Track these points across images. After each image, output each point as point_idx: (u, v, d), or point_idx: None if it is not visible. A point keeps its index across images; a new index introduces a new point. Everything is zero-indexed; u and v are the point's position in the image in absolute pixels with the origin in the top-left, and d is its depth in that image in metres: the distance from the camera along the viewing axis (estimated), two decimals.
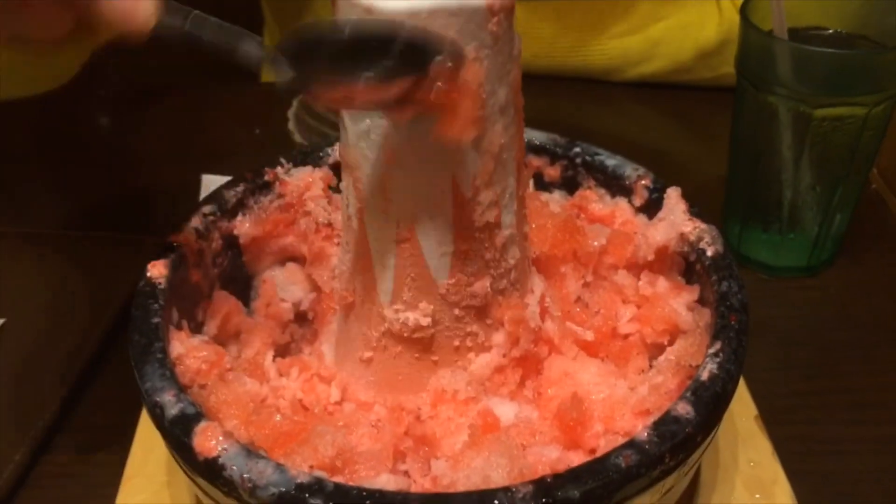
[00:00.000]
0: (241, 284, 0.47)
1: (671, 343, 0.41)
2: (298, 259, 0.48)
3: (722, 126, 0.79)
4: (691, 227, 0.42)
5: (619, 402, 0.38)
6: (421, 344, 0.39)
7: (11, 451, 0.47)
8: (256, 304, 0.47)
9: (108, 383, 0.53)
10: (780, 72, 0.56)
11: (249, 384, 0.40)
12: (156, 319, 0.39)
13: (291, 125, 0.68)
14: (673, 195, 0.44)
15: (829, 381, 0.53)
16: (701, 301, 0.41)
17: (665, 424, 0.33)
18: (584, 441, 0.37)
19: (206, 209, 0.45)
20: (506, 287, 0.38)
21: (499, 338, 0.39)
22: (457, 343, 0.39)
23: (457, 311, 0.38)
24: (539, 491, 0.31)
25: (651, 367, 0.40)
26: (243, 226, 0.46)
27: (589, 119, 0.81)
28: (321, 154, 0.49)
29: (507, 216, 0.37)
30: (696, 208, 0.44)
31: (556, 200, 0.47)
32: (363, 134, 0.35)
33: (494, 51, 0.33)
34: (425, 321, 0.38)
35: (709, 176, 0.71)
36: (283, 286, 0.48)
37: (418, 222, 0.36)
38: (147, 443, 0.46)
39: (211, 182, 0.64)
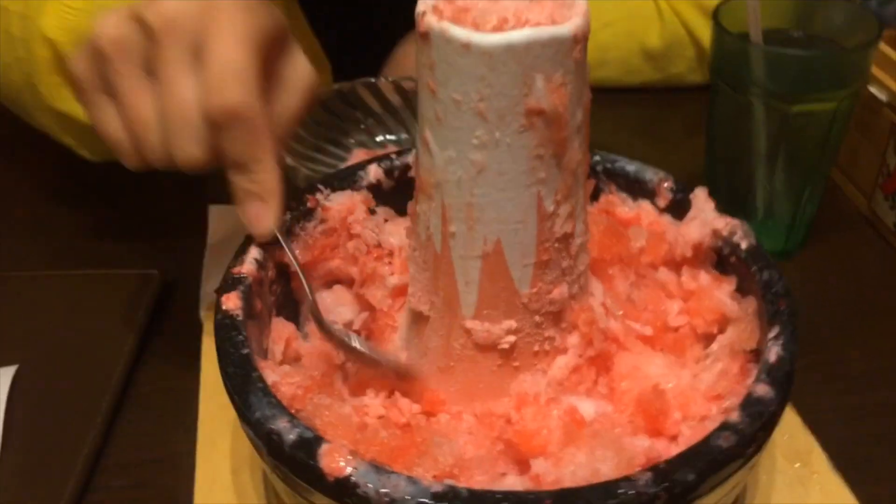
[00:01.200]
0: (292, 310, 0.49)
1: (720, 331, 0.44)
2: (343, 281, 0.50)
3: (668, 127, 0.84)
4: (723, 223, 0.46)
5: (690, 389, 0.41)
6: (503, 352, 0.41)
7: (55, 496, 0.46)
8: (309, 327, 0.48)
9: (136, 419, 0.53)
10: (755, 73, 0.60)
11: (337, 405, 0.41)
12: (244, 350, 0.40)
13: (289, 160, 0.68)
14: (701, 195, 0.47)
15: (815, 356, 0.58)
16: (740, 290, 0.45)
17: (752, 406, 0.37)
18: (665, 428, 0.40)
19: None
20: (577, 292, 0.41)
21: (573, 339, 0.42)
22: (536, 348, 0.41)
23: (537, 318, 0.40)
24: (658, 477, 0.34)
25: (706, 355, 0.44)
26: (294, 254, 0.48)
27: None
28: (355, 178, 0.51)
29: (580, 225, 0.40)
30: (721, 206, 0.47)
31: None
32: (452, 159, 0.37)
33: (576, 76, 0.36)
34: (509, 331, 0.40)
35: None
36: (332, 308, 0.49)
37: (504, 237, 0.38)
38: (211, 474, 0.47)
39: (219, 213, 0.64)
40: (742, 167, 0.65)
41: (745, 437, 0.36)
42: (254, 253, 0.45)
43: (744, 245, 0.45)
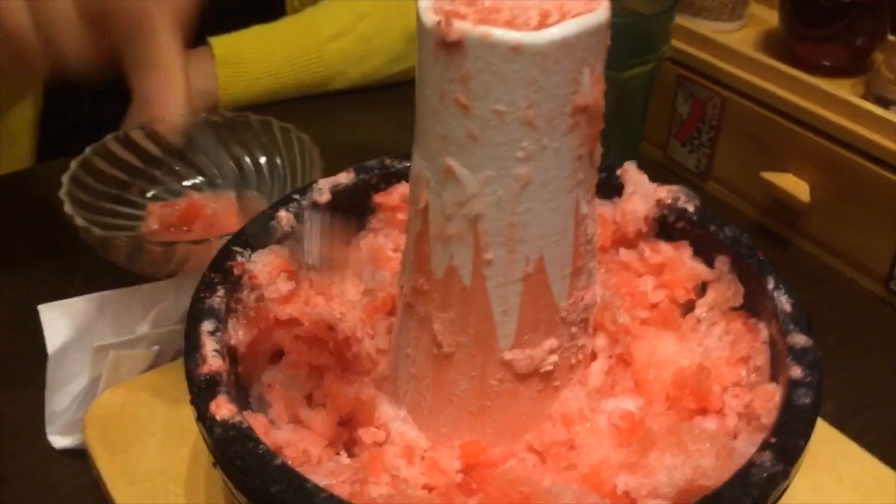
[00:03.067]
0: (244, 399, 0.41)
1: (699, 297, 0.45)
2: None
3: None
4: (665, 191, 0.46)
5: (708, 360, 0.41)
6: (545, 375, 0.38)
7: None
8: (273, 413, 0.41)
9: None
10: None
11: (373, 487, 0.36)
12: (277, 461, 0.33)
13: (68, 207, 0.58)
14: (631, 169, 0.47)
15: None
16: (698, 252, 0.46)
17: (804, 355, 0.37)
18: (712, 404, 0.39)
19: (208, 327, 0.38)
20: (596, 291, 0.39)
21: (601, 342, 0.40)
22: (573, 361, 0.39)
23: (573, 329, 0.38)
24: (776, 453, 0.33)
25: (697, 322, 0.44)
26: (237, 333, 0.40)
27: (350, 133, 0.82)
28: (269, 230, 0.44)
29: (594, 222, 0.38)
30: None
31: None
32: (491, 179, 0.33)
33: (603, 65, 0.33)
34: (551, 350, 0.37)
35: None
36: (288, 383, 0.42)
37: (546, 252, 0.35)
38: None
39: (51, 313, 0.53)
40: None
41: (815, 392, 0.36)
42: (210, 344, 0.37)
43: (691, 208, 0.46)
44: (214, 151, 0.68)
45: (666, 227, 0.47)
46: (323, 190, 0.47)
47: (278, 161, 0.71)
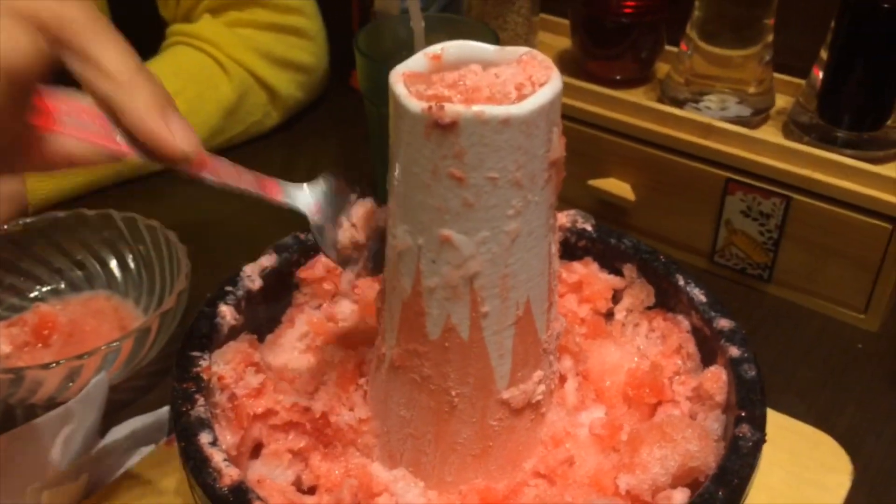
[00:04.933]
0: None
1: (615, 303, 0.50)
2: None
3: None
4: (565, 216, 0.51)
5: (650, 356, 0.47)
6: (536, 405, 0.41)
7: None
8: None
9: None
10: None
11: None
12: None
13: None
14: None
15: None
16: (604, 264, 0.51)
17: (734, 335, 0.44)
18: (666, 396, 0.45)
19: (207, 439, 0.38)
20: (561, 319, 0.43)
21: (567, 363, 0.44)
22: (552, 386, 0.42)
23: (550, 358, 0.41)
24: (751, 423, 0.39)
25: (621, 325, 0.49)
26: (226, 438, 0.40)
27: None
28: (214, 327, 0.44)
29: (557, 258, 0.41)
30: None
31: None
32: (486, 239, 0.36)
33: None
34: (539, 381, 0.40)
35: None
36: (272, 474, 0.42)
37: (532, 293, 0.38)
38: None
39: None
40: None
41: (756, 362, 0.43)
42: (217, 455, 0.37)
43: (589, 227, 0.51)
44: (52, 256, 0.65)
45: (569, 247, 0.51)
46: (253, 277, 0.47)
47: (128, 255, 0.68)
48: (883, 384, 0.64)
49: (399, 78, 0.35)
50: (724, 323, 0.45)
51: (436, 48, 0.37)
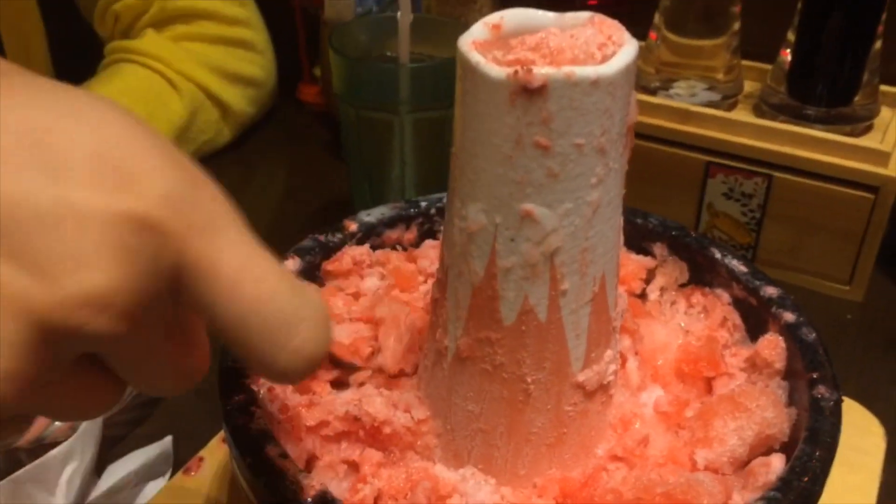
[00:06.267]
0: None
1: (648, 283, 0.49)
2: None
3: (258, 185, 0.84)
4: None
5: (696, 331, 0.46)
6: (606, 386, 0.39)
7: None
8: None
9: None
10: (402, 91, 0.64)
11: None
12: None
13: None
14: None
15: None
16: (632, 245, 0.50)
17: (784, 301, 0.43)
18: (720, 369, 0.44)
19: (276, 451, 0.35)
20: (623, 295, 0.42)
21: (626, 342, 0.43)
22: (617, 367, 0.41)
23: (617, 336, 0.40)
24: (825, 383, 0.39)
25: (659, 304, 0.48)
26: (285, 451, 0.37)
27: None
28: None
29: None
30: None
31: None
32: (569, 211, 0.34)
33: None
34: (610, 360, 0.39)
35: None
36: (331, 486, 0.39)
37: (607, 268, 0.37)
38: None
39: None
40: (386, 174, 0.68)
41: (812, 325, 0.42)
42: (292, 467, 0.34)
43: None
44: None
45: None
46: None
47: None
48: (878, 351, 0.66)
49: (471, 46, 0.33)
50: (771, 290, 0.44)
51: (494, 17, 0.35)
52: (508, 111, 0.32)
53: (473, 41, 0.34)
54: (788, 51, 0.70)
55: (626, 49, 0.33)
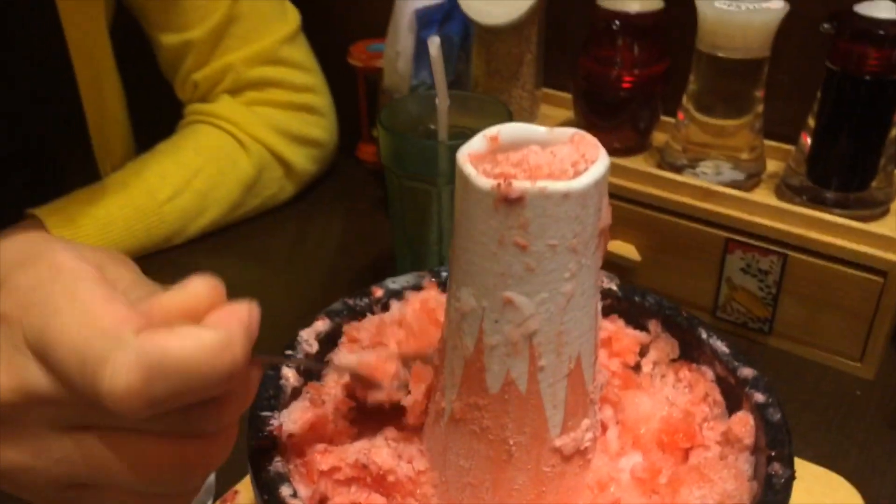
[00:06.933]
0: None
1: (642, 356, 0.54)
2: None
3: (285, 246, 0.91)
4: None
5: (680, 404, 0.50)
6: (583, 451, 0.45)
7: None
8: None
9: None
10: (442, 166, 0.70)
11: None
12: None
13: None
14: None
15: None
16: (629, 320, 0.55)
17: (757, 382, 0.48)
18: (697, 441, 0.49)
19: (287, 491, 0.41)
20: (603, 371, 0.47)
21: (608, 412, 0.48)
22: (596, 434, 0.46)
23: (595, 407, 0.45)
24: (781, 462, 0.43)
25: (649, 377, 0.53)
26: (299, 492, 0.43)
27: None
28: (279, 387, 0.47)
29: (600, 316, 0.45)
30: None
31: None
32: (544, 300, 0.40)
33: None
34: (587, 428, 0.44)
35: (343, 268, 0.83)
36: None
37: (582, 348, 0.42)
38: None
39: None
40: (425, 239, 0.74)
41: (780, 406, 0.47)
42: None
43: (614, 286, 0.55)
44: None
45: None
46: (310, 341, 0.50)
47: None
48: (883, 428, 0.69)
49: (466, 159, 0.39)
50: (747, 371, 0.49)
51: (492, 130, 0.41)
52: (493, 215, 0.38)
53: (470, 153, 0.40)
54: (808, 135, 0.74)
55: (596, 166, 0.38)
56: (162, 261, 0.86)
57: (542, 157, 0.39)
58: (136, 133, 0.93)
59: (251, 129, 0.88)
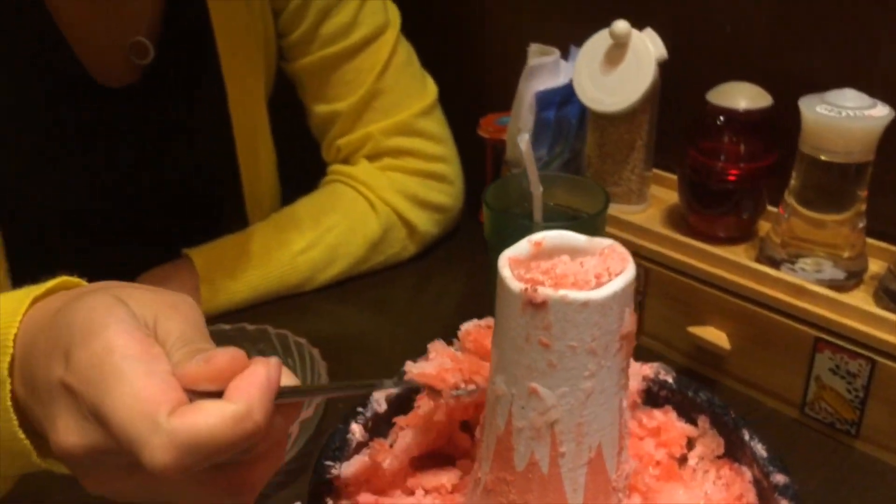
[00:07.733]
0: None
1: (689, 449, 0.57)
2: None
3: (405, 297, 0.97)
4: (648, 368, 0.59)
5: (714, 501, 0.53)
6: None
7: None
8: None
9: None
10: None
11: None
12: None
13: None
14: None
15: None
16: (681, 413, 0.58)
17: (786, 490, 0.50)
18: None
19: None
20: (631, 462, 0.51)
21: (636, 500, 0.51)
22: None
23: (620, 495, 0.49)
24: None
25: (693, 472, 0.56)
26: None
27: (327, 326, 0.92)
28: (346, 440, 0.54)
29: (628, 412, 0.49)
30: None
31: None
32: (565, 394, 0.44)
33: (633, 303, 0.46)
34: None
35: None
36: None
37: (603, 440, 0.46)
38: None
39: None
40: None
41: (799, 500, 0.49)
42: None
43: (670, 379, 0.59)
44: None
45: (652, 395, 0.59)
46: (380, 402, 0.57)
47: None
48: None
49: (506, 262, 0.45)
50: (779, 478, 0.51)
51: (538, 236, 0.47)
52: (521, 315, 0.43)
53: (510, 257, 0.45)
54: None
55: (618, 280, 0.43)
56: (294, 303, 0.95)
57: (569, 268, 0.44)
58: (284, 184, 1.04)
59: (382, 192, 0.97)
